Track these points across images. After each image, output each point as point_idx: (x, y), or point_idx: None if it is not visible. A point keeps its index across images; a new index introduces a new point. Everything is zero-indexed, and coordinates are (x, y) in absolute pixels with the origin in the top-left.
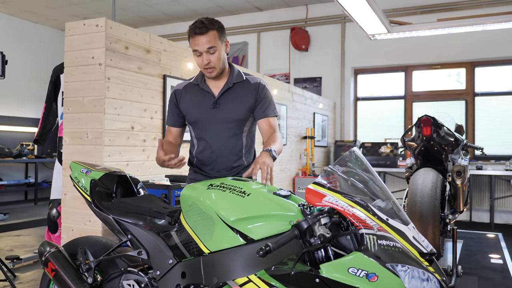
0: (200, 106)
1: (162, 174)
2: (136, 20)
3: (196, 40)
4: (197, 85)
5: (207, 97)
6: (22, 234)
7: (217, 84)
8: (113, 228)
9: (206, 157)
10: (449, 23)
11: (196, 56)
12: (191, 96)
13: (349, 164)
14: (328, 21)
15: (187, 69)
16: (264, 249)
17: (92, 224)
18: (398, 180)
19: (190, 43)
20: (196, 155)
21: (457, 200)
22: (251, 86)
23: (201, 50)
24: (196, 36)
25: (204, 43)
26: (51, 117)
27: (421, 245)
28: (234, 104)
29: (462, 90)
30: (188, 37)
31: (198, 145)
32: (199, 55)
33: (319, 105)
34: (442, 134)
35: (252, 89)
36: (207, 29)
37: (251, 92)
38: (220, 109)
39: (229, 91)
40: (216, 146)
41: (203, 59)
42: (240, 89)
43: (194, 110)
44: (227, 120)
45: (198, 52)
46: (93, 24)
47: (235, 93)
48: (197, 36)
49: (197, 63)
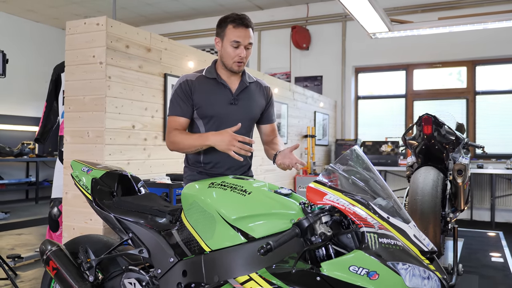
0: (218, 101)
1: (163, 173)
2: (137, 19)
3: (240, 32)
4: (213, 78)
5: (225, 92)
6: (23, 233)
7: (233, 80)
8: (114, 227)
9: (217, 154)
10: (450, 21)
11: (232, 47)
12: (207, 89)
13: (350, 162)
14: (329, 20)
15: (188, 68)
16: (265, 247)
17: (93, 222)
18: (399, 178)
19: (229, 33)
20: (205, 150)
21: (458, 198)
22: (262, 88)
23: (243, 43)
24: (241, 27)
25: (247, 37)
26: (52, 116)
27: (422, 243)
28: (251, 103)
29: (463, 88)
30: (224, 26)
31: None
32: (236, 47)
33: (320, 104)
34: (443, 132)
35: (264, 92)
36: (250, 24)
37: (263, 94)
38: (238, 106)
39: (246, 90)
40: None
41: (240, 52)
42: (254, 89)
43: (211, 104)
44: (244, 118)
45: (237, 43)
46: (94, 23)
47: (251, 92)
48: (243, 28)
49: (229, 54)
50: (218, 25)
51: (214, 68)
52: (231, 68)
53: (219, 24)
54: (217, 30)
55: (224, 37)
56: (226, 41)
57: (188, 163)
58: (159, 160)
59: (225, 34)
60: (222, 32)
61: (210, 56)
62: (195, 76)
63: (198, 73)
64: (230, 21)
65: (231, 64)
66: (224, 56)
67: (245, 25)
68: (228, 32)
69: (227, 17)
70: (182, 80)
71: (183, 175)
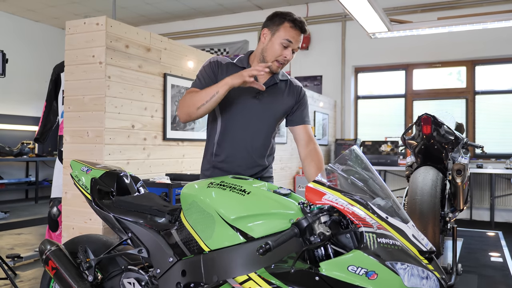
0: (240, 92)
1: (163, 173)
2: (136, 19)
3: (295, 33)
4: (243, 67)
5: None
6: (23, 232)
7: (262, 75)
8: (113, 226)
9: (230, 146)
10: (449, 21)
11: (281, 46)
12: None
13: (349, 162)
14: (329, 20)
15: (188, 68)
16: (264, 247)
17: (93, 222)
18: (399, 178)
19: (283, 30)
20: (219, 141)
21: (457, 198)
22: (293, 87)
23: (294, 46)
24: (297, 30)
25: (299, 41)
26: (51, 116)
27: (420, 243)
28: (275, 101)
29: (462, 88)
30: (279, 21)
31: (222, 131)
32: (286, 46)
33: (319, 104)
34: (442, 132)
35: (295, 91)
36: (306, 31)
37: (293, 94)
38: (261, 101)
39: (273, 87)
40: (245, 137)
41: (287, 53)
42: (284, 88)
43: (233, 94)
44: (264, 115)
45: (288, 43)
46: (93, 22)
47: (279, 90)
48: (299, 31)
49: (275, 51)
50: (271, 18)
51: (247, 58)
52: (270, 67)
53: (273, 18)
54: (267, 22)
55: (276, 32)
56: (277, 37)
57: (204, 155)
58: (158, 160)
59: (279, 29)
60: (276, 26)
61: (210, 56)
62: (225, 60)
63: (229, 59)
64: (289, 20)
65: (272, 64)
66: (268, 50)
67: (303, 30)
68: (283, 29)
69: (286, 14)
70: (213, 60)
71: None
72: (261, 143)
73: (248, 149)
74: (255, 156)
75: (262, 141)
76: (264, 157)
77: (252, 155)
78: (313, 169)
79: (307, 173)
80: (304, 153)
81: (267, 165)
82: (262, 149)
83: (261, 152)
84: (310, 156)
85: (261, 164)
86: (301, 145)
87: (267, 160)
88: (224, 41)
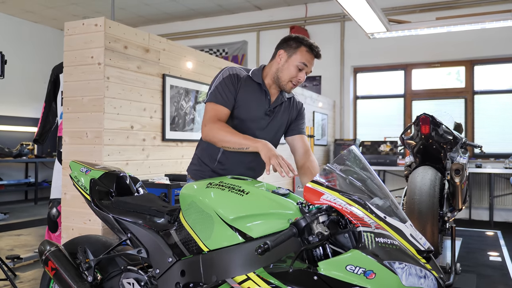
0: (257, 107)
1: (162, 173)
2: (135, 20)
3: (311, 58)
4: (259, 83)
5: (265, 100)
6: (22, 233)
7: (273, 92)
8: (112, 227)
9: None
10: (448, 21)
11: (297, 68)
12: (251, 91)
13: (347, 162)
14: (328, 20)
15: (186, 68)
16: (263, 247)
17: (92, 223)
18: (398, 178)
19: (301, 53)
20: (224, 151)
21: (455, 198)
22: (295, 104)
23: (308, 70)
24: (313, 55)
25: (313, 65)
26: (50, 117)
27: (418, 242)
28: (283, 118)
29: (461, 88)
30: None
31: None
32: (300, 70)
33: (318, 104)
34: (440, 132)
35: (297, 108)
36: (320, 56)
37: (295, 110)
38: (272, 117)
39: (281, 105)
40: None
41: (302, 75)
42: (289, 105)
43: (250, 108)
44: (274, 130)
45: (303, 66)
46: (92, 23)
47: (286, 108)
48: (313, 56)
49: (291, 73)
50: (288, 40)
51: (261, 74)
52: (284, 86)
53: (289, 40)
54: (283, 44)
55: (293, 55)
56: (293, 59)
57: (201, 159)
58: (157, 160)
59: (296, 52)
60: (293, 49)
61: (209, 57)
62: (242, 73)
63: (244, 71)
64: (306, 44)
65: (285, 82)
66: (283, 71)
67: (317, 55)
68: (301, 52)
69: (303, 39)
70: (233, 72)
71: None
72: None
73: (253, 164)
74: (258, 170)
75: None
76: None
77: (255, 170)
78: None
79: (303, 181)
80: (301, 162)
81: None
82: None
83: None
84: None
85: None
86: (298, 154)
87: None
88: (223, 42)
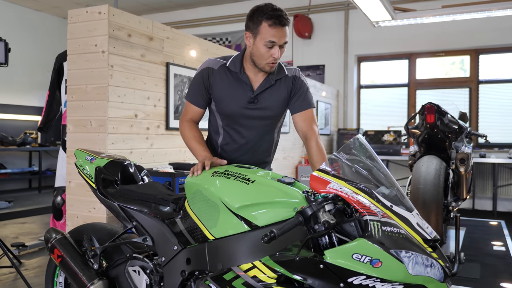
0: (236, 99)
1: (166, 162)
2: (139, 8)
3: (276, 31)
4: (236, 73)
5: (245, 89)
6: (27, 221)
7: (257, 76)
8: (118, 215)
9: (235, 150)
10: (453, 9)
11: (266, 48)
12: (227, 84)
13: (353, 151)
14: (332, 8)
15: (190, 57)
16: (269, 235)
17: (97, 211)
18: (401, 168)
19: (263, 31)
20: (222, 146)
21: (460, 187)
22: (288, 80)
23: (279, 43)
24: (278, 27)
25: (283, 36)
26: (54, 105)
27: (425, 231)
28: (272, 101)
29: (466, 77)
30: (257, 22)
31: (225, 136)
32: (271, 47)
33: (322, 93)
34: (445, 121)
35: (290, 83)
36: (288, 21)
37: (287, 87)
38: (257, 105)
39: (269, 88)
40: (248, 141)
41: (274, 52)
42: (279, 85)
43: (229, 103)
44: (264, 117)
45: (272, 43)
46: (95, 11)
47: (274, 90)
48: (279, 27)
49: (262, 55)
50: (250, 17)
51: (240, 60)
52: (263, 69)
53: (251, 17)
54: (248, 23)
55: (257, 35)
56: (259, 40)
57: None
58: (161, 149)
59: (259, 32)
60: (255, 28)
61: (212, 45)
62: (218, 64)
63: (222, 61)
64: (266, 18)
65: (263, 65)
66: (255, 54)
67: (282, 24)
68: (263, 30)
69: (262, 11)
70: (204, 66)
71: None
72: (266, 142)
73: (257, 150)
74: (263, 155)
75: (266, 141)
76: (270, 153)
77: (260, 154)
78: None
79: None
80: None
81: (271, 159)
82: (267, 146)
83: (267, 149)
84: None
85: (266, 161)
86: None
87: (272, 155)
88: (227, 30)
